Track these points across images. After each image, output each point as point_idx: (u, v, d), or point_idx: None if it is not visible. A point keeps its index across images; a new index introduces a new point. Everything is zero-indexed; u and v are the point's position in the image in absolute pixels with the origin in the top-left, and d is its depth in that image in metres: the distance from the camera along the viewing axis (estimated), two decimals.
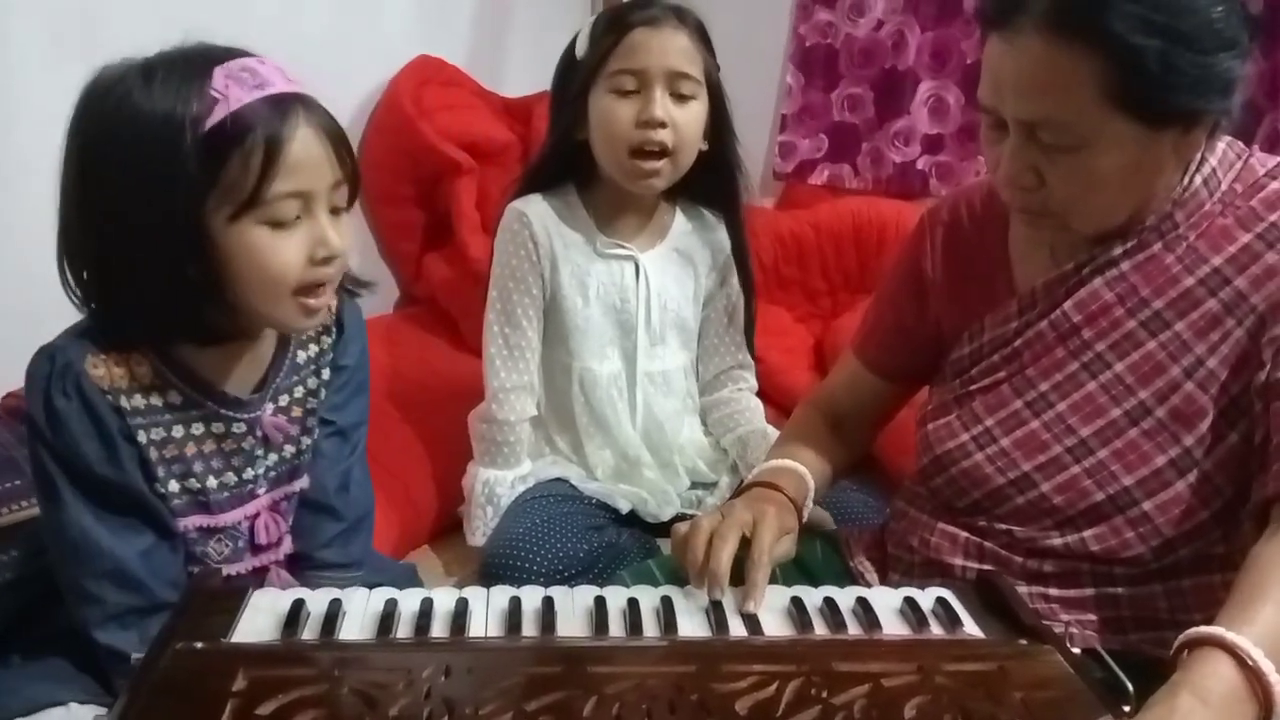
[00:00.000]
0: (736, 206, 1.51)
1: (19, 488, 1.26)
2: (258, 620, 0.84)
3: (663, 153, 1.36)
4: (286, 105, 0.89)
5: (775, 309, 2.15)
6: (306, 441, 1.07)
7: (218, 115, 0.86)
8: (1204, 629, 0.77)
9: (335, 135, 0.92)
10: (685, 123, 1.36)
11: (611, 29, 1.36)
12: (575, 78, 1.40)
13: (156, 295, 0.90)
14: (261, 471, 1.04)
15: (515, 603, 0.87)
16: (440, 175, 2.06)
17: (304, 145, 0.89)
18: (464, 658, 0.78)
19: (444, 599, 0.87)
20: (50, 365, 0.92)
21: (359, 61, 2.04)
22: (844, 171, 2.32)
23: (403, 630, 0.83)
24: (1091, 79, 0.85)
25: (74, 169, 0.91)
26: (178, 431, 0.98)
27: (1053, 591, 1.00)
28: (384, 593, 0.88)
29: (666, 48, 1.35)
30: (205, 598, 0.86)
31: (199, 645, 0.78)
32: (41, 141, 1.51)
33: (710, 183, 1.48)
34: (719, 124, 1.42)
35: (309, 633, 0.82)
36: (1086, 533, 0.98)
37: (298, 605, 0.85)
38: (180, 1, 1.62)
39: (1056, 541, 0.99)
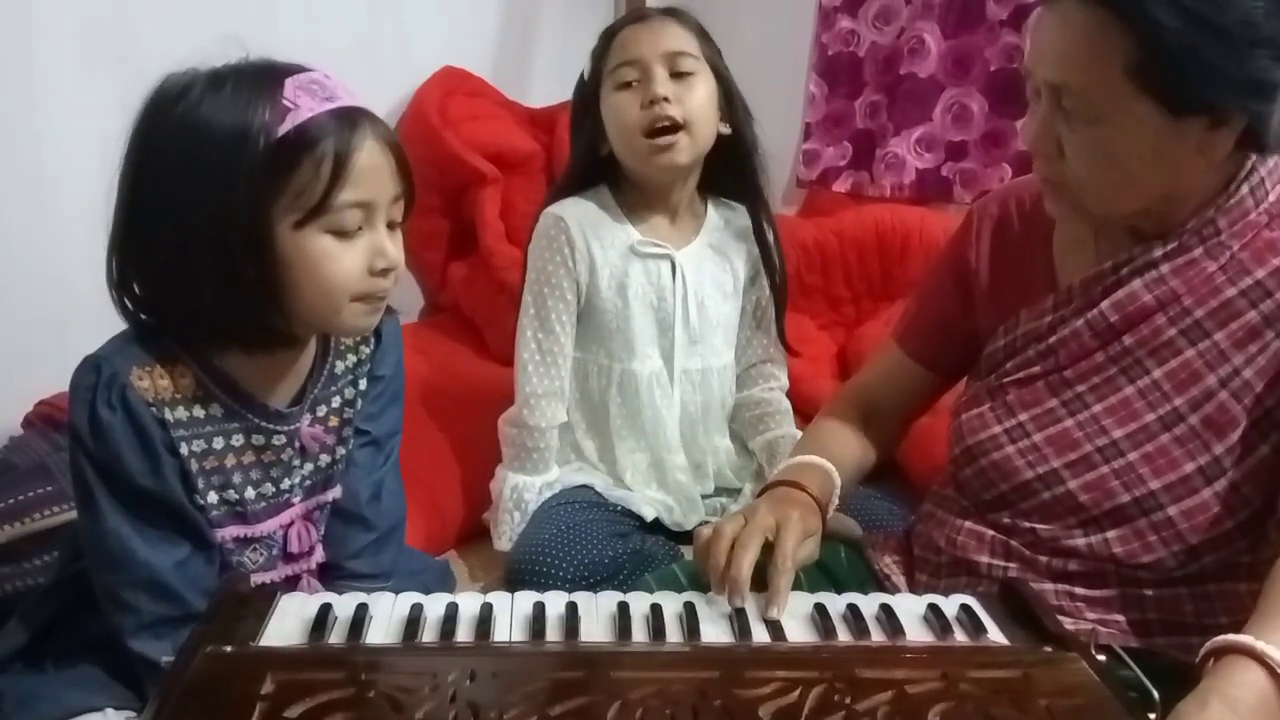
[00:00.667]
0: (757, 188, 1.51)
1: (50, 493, 1.29)
2: (286, 624, 0.85)
3: (675, 127, 1.37)
4: (354, 117, 0.91)
5: (798, 317, 2.14)
6: (341, 451, 1.08)
7: (289, 124, 0.88)
8: (1232, 637, 0.77)
9: (397, 149, 0.94)
10: (691, 97, 1.38)
11: (604, 38, 1.42)
12: (585, 96, 1.44)
13: (214, 300, 0.91)
14: (297, 481, 1.05)
15: (539, 608, 0.88)
16: (465, 185, 2.07)
17: (370, 156, 0.91)
18: (488, 662, 0.78)
19: (469, 604, 0.88)
20: (96, 376, 0.93)
21: (385, 72, 2.05)
22: (865, 179, 2.32)
23: (428, 635, 0.84)
24: (1119, 53, 0.86)
25: (135, 176, 0.92)
26: (218, 443, 0.98)
27: (1078, 591, 1.00)
28: (410, 597, 0.89)
29: (658, 34, 1.39)
30: (234, 602, 0.87)
31: (228, 649, 0.78)
32: (72, 152, 1.56)
33: (733, 170, 1.49)
34: (732, 105, 1.43)
35: (336, 637, 0.83)
36: (1110, 534, 0.98)
37: (325, 609, 0.85)
38: (209, 13, 1.66)
39: (1080, 541, 0.99)
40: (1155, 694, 0.75)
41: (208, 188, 0.87)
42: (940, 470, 1.17)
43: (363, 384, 1.09)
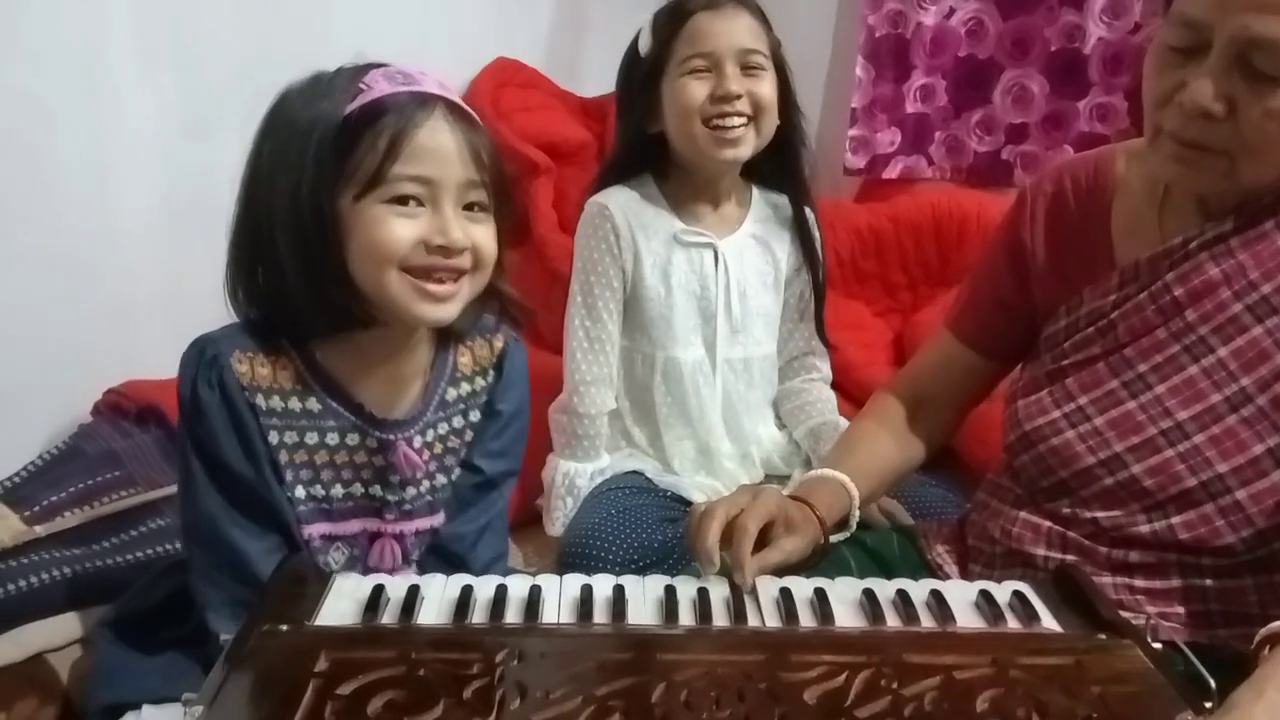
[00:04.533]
0: (802, 181, 1.50)
1: (119, 478, 1.33)
2: (340, 605, 0.87)
3: (740, 117, 1.36)
4: (427, 100, 0.92)
5: (854, 303, 2.13)
6: (442, 480, 1.06)
7: (358, 103, 0.90)
8: None
9: (475, 139, 0.93)
10: (760, 92, 1.37)
11: (673, 19, 1.38)
12: (641, 73, 1.41)
13: (294, 281, 0.92)
14: (394, 500, 1.03)
15: (587, 590, 0.88)
16: (519, 175, 2.09)
17: (432, 134, 0.91)
18: (537, 643, 0.79)
19: (518, 586, 0.89)
20: (200, 356, 0.95)
21: (439, 64, 2.05)
22: (919, 164, 2.28)
23: (478, 615, 0.85)
24: None
25: (245, 175, 0.95)
26: (311, 438, 0.99)
27: (1138, 583, 0.98)
28: (460, 579, 0.91)
29: (732, 28, 1.36)
30: (291, 583, 0.89)
31: (284, 628, 0.80)
32: (133, 148, 1.60)
33: (777, 162, 1.48)
34: (785, 100, 1.42)
35: (388, 617, 0.85)
36: (1175, 519, 0.95)
37: (378, 590, 0.87)
38: (264, 9, 1.69)
39: (1144, 528, 0.97)
40: (1212, 682, 0.73)
41: (286, 172, 0.91)
42: (997, 457, 1.15)
43: (475, 415, 1.07)
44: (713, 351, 1.48)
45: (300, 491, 0.99)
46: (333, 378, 0.99)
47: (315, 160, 0.90)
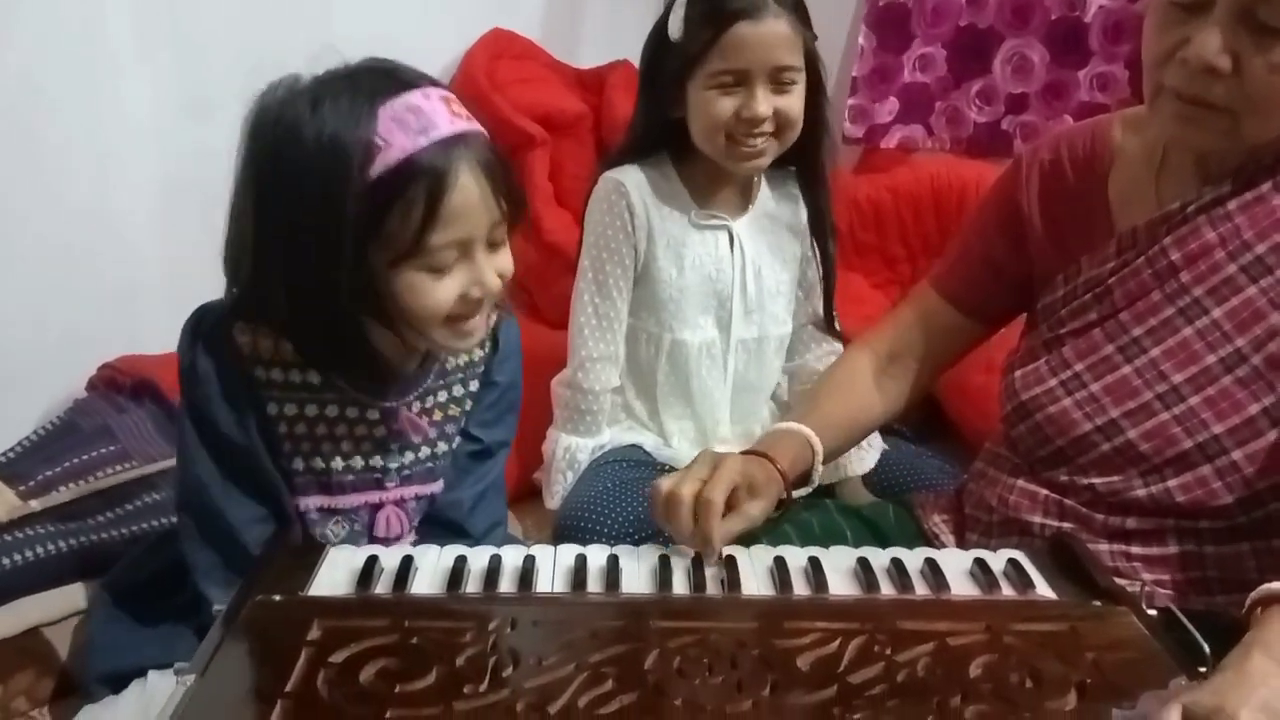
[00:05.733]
0: (820, 166, 1.48)
1: (113, 453, 1.33)
2: (334, 575, 0.87)
3: (764, 136, 1.35)
4: (449, 149, 0.87)
5: (853, 276, 2.11)
6: (443, 447, 1.06)
7: (380, 165, 0.85)
8: (1277, 585, 0.75)
9: (494, 173, 0.90)
10: (788, 107, 1.34)
11: (710, 21, 1.31)
12: (669, 61, 1.36)
13: (309, 318, 0.91)
14: (395, 467, 1.03)
15: (581, 560, 0.88)
16: (515, 148, 2.07)
17: (464, 194, 0.87)
18: (530, 611, 0.79)
19: (512, 556, 0.89)
20: (200, 323, 0.95)
21: (433, 37, 2.06)
22: (917, 134, 2.26)
23: (471, 585, 0.85)
24: None
25: (245, 192, 0.91)
26: (311, 410, 0.98)
27: (1135, 550, 0.98)
28: (454, 549, 0.91)
29: (768, 43, 1.30)
30: (285, 554, 0.90)
31: (277, 598, 0.81)
32: (133, 130, 1.59)
33: (798, 145, 1.46)
34: (814, 90, 1.40)
35: (382, 587, 0.85)
36: (1172, 482, 0.95)
37: (371, 561, 0.87)
38: None
39: (1141, 493, 0.97)
40: (1206, 647, 0.73)
41: (308, 218, 0.86)
42: (995, 430, 1.14)
43: (473, 385, 1.08)
44: (727, 332, 1.47)
45: (299, 463, 0.99)
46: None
47: (346, 229, 0.85)
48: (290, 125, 0.87)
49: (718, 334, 1.47)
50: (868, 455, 1.45)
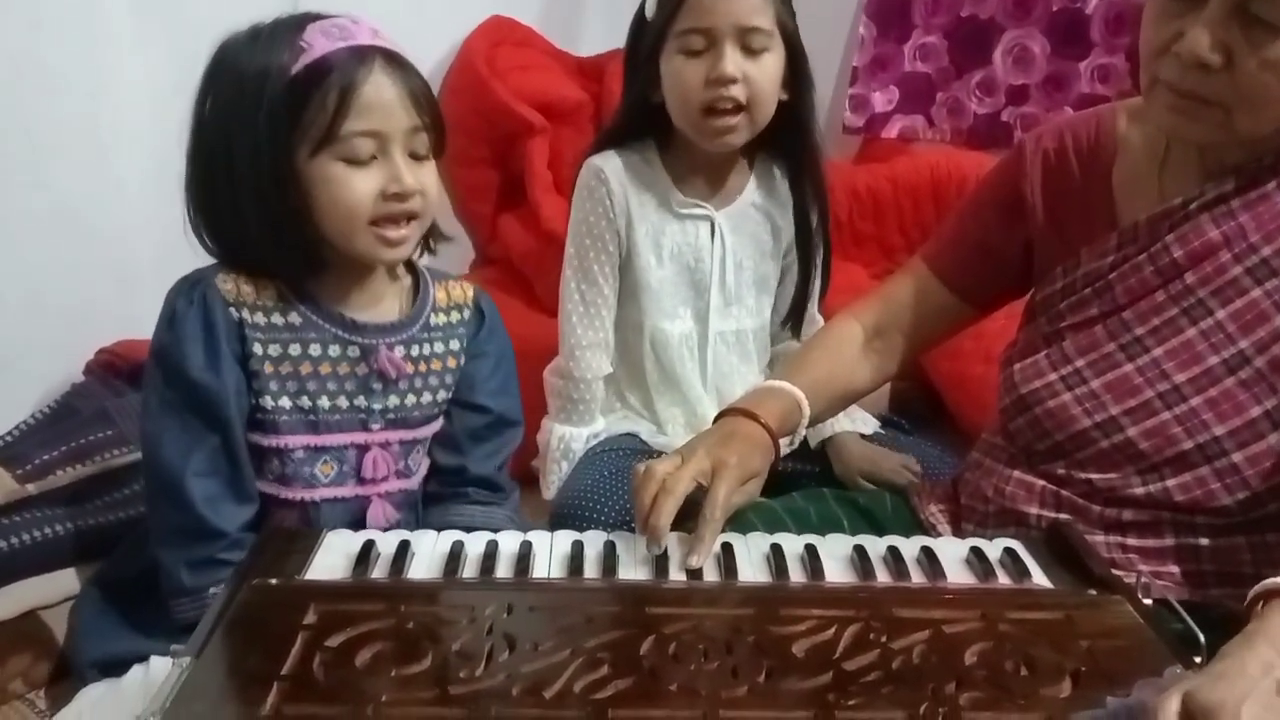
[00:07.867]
0: (813, 159, 1.47)
1: (111, 437, 1.33)
2: (330, 559, 0.87)
3: (737, 109, 1.33)
4: (365, 54, 0.97)
5: (851, 266, 2.11)
6: (428, 397, 1.11)
7: (301, 63, 0.95)
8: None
9: (413, 85, 0.99)
10: (758, 76, 1.32)
11: None
12: (645, 40, 1.37)
13: (257, 230, 0.98)
14: (379, 408, 1.07)
15: (578, 547, 0.89)
16: (514, 136, 2.07)
17: (376, 89, 0.96)
18: (526, 597, 0.79)
19: (508, 541, 0.89)
20: (185, 281, 1.01)
21: (433, 23, 2.05)
22: (917, 124, 2.26)
23: (468, 570, 0.85)
24: None
25: (194, 127, 1.00)
26: (295, 350, 1.03)
27: (1131, 541, 0.98)
28: (451, 535, 0.91)
29: (734, 3, 1.31)
30: (282, 539, 0.90)
31: (273, 582, 0.81)
32: (128, 109, 1.58)
33: (786, 136, 1.45)
34: (796, 73, 1.38)
35: (378, 571, 0.85)
36: (1171, 482, 0.95)
37: (368, 545, 0.87)
38: None
39: (1139, 490, 0.97)
40: (1201, 637, 0.73)
41: (239, 127, 0.96)
42: (993, 421, 1.14)
43: (454, 344, 1.13)
44: (704, 324, 1.46)
45: (285, 402, 1.03)
46: (313, 295, 1.04)
47: (269, 119, 0.95)
48: (233, 54, 0.98)
49: (695, 325, 1.46)
50: (857, 417, 1.46)
